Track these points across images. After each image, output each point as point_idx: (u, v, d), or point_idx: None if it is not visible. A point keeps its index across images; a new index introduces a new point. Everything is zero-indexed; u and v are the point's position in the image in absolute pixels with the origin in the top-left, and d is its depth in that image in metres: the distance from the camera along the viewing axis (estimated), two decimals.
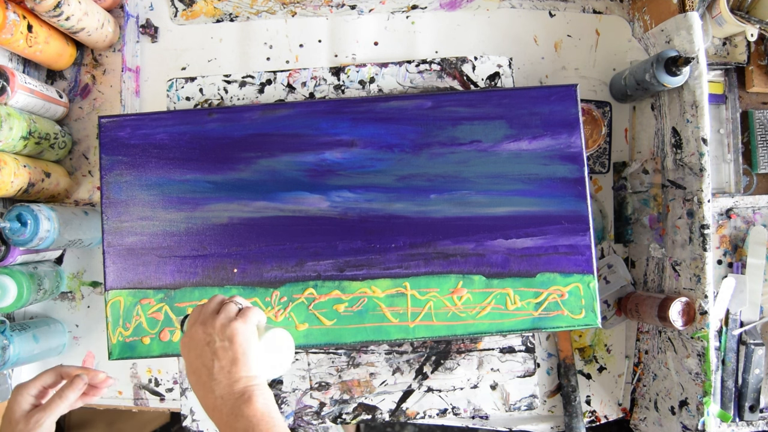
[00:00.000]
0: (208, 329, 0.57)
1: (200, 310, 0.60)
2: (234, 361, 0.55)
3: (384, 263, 0.79)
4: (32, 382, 0.65)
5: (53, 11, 0.78)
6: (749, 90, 0.93)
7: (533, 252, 0.79)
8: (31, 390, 0.65)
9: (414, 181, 0.80)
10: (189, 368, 0.57)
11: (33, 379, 0.65)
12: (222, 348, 0.56)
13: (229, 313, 0.58)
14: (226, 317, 0.58)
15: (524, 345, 0.88)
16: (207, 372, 0.55)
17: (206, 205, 0.80)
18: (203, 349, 0.56)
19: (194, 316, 0.60)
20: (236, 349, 0.56)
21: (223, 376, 0.55)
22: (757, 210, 0.91)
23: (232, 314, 0.59)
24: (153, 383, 0.92)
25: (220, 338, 0.56)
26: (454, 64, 0.90)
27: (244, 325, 0.57)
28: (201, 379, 0.55)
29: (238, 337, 0.56)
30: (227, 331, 0.56)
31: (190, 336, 0.58)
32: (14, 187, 0.79)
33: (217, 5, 0.93)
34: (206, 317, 0.58)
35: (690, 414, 0.81)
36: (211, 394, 0.54)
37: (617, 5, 0.95)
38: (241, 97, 0.90)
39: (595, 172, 0.92)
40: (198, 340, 0.57)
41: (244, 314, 0.59)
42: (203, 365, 0.55)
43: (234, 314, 0.59)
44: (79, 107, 0.94)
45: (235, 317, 0.58)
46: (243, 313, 0.59)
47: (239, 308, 0.60)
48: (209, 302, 0.61)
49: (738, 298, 0.89)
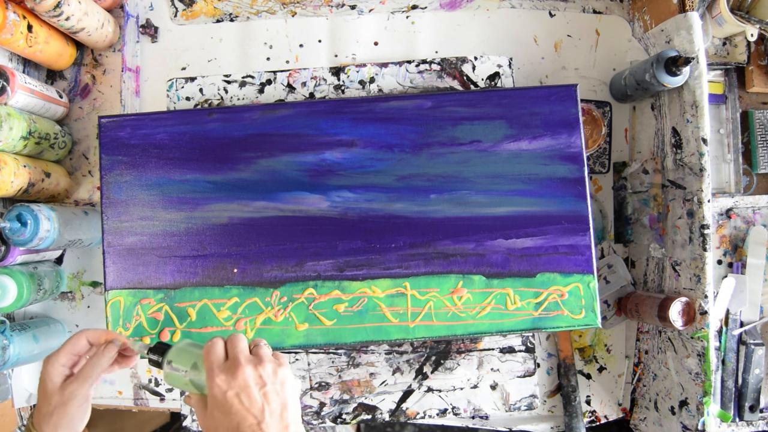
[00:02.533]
0: (259, 371, 0.56)
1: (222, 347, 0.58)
2: (284, 406, 0.55)
3: (384, 263, 0.79)
4: (61, 352, 0.63)
5: (53, 11, 0.78)
6: (749, 90, 0.93)
7: (533, 252, 0.79)
8: (62, 360, 0.62)
9: (414, 181, 0.80)
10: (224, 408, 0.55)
11: (62, 348, 0.63)
12: (274, 392, 0.55)
13: (270, 356, 0.58)
14: (273, 361, 0.57)
15: (524, 345, 0.88)
16: (257, 415, 0.54)
17: (206, 205, 0.80)
18: (251, 391, 0.55)
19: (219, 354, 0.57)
20: (287, 394, 0.56)
21: (275, 422, 0.54)
22: (757, 210, 0.91)
23: (272, 357, 0.58)
24: (153, 383, 0.92)
25: (272, 381, 0.56)
26: (454, 64, 0.90)
27: (289, 371, 0.58)
28: (246, 421, 0.54)
29: (288, 382, 0.57)
30: (279, 375, 0.56)
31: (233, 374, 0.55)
32: (14, 187, 0.79)
33: (217, 5, 0.93)
34: (250, 358, 0.57)
35: (690, 414, 0.81)
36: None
37: (617, 5, 0.95)
38: (241, 97, 0.90)
39: (595, 172, 0.92)
40: (245, 381, 0.55)
41: (283, 360, 0.59)
42: (251, 408, 0.54)
43: (273, 357, 0.58)
44: (79, 107, 0.94)
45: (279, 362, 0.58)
46: (280, 358, 0.59)
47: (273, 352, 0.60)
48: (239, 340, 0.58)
49: (738, 298, 0.89)
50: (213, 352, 0.57)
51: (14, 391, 0.90)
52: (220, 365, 0.56)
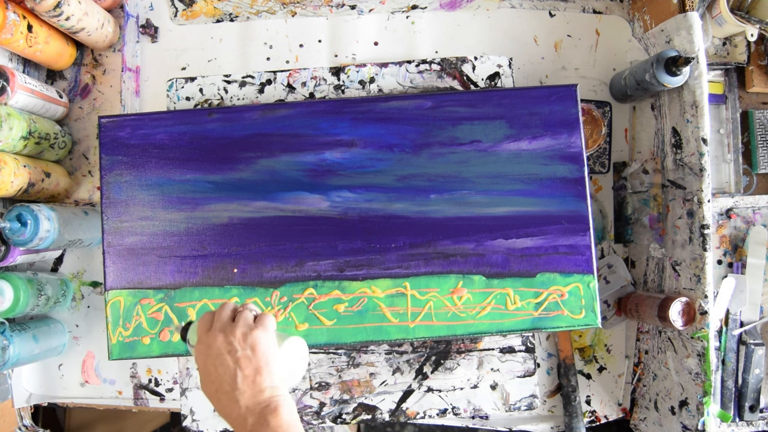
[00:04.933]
0: (229, 337, 0.56)
1: (212, 317, 0.59)
2: (258, 371, 0.54)
3: (384, 263, 0.79)
4: None
5: (53, 11, 0.78)
6: (749, 90, 0.93)
7: (533, 252, 0.79)
8: None
9: (414, 181, 0.80)
10: (206, 377, 0.56)
11: None
12: (245, 357, 0.55)
13: (247, 321, 0.57)
14: (246, 325, 0.57)
15: (524, 345, 0.88)
16: (230, 382, 0.54)
17: (206, 205, 0.80)
18: (224, 358, 0.55)
19: (205, 324, 0.59)
20: (259, 358, 0.55)
21: (247, 386, 0.54)
22: (757, 210, 0.91)
23: (250, 322, 0.58)
24: (153, 383, 0.92)
25: (242, 347, 0.55)
26: (454, 64, 0.90)
27: (265, 334, 0.57)
28: (222, 388, 0.54)
29: (260, 346, 0.56)
30: (249, 339, 0.56)
31: (208, 344, 0.56)
32: (14, 187, 0.79)
33: (217, 5, 0.93)
34: (224, 325, 0.57)
35: (690, 414, 0.81)
36: (235, 404, 0.54)
37: (617, 5, 0.95)
38: (241, 97, 0.90)
39: (595, 172, 0.92)
40: (218, 348, 0.56)
41: (262, 322, 0.58)
42: (225, 375, 0.54)
43: (252, 321, 0.58)
44: (79, 107, 0.94)
45: (255, 325, 0.57)
46: (260, 320, 0.58)
47: (255, 315, 0.59)
48: (222, 309, 0.59)
49: (738, 298, 0.89)
50: (200, 326, 0.59)
51: (14, 391, 0.90)
52: (201, 338, 0.58)
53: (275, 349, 0.57)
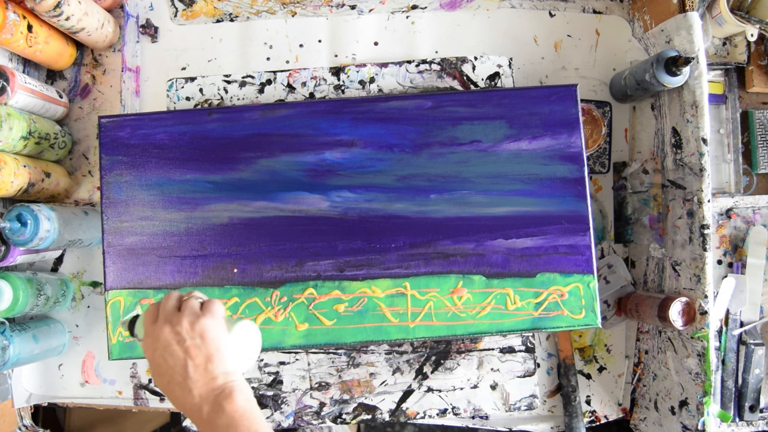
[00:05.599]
0: (176, 327, 0.55)
1: (157, 308, 0.58)
2: (209, 358, 0.54)
3: (384, 263, 0.79)
4: None
5: (53, 11, 0.78)
6: (749, 90, 0.93)
7: (533, 252, 0.79)
8: None
9: (414, 181, 0.80)
10: (157, 370, 0.55)
11: None
12: (194, 346, 0.54)
13: (193, 309, 0.56)
14: (193, 313, 0.56)
15: (524, 345, 0.88)
16: (181, 372, 0.53)
17: (206, 205, 0.80)
18: (173, 348, 0.54)
19: (151, 316, 0.58)
20: (209, 345, 0.54)
21: (200, 375, 0.53)
22: (757, 210, 0.91)
23: (197, 310, 0.57)
24: (153, 383, 0.92)
25: (190, 336, 0.54)
26: (454, 64, 0.90)
27: (212, 321, 0.56)
28: (174, 379, 0.54)
29: (209, 333, 0.55)
30: (197, 327, 0.55)
31: (155, 336, 0.56)
32: (14, 187, 0.79)
33: (217, 5, 0.93)
34: (170, 315, 0.56)
35: (690, 414, 0.81)
36: (189, 394, 0.53)
37: (617, 5, 0.95)
38: (241, 97, 0.90)
39: (595, 172, 0.92)
40: (166, 340, 0.55)
41: (209, 309, 0.57)
42: (176, 366, 0.54)
43: (198, 309, 0.57)
44: (79, 107, 0.94)
45: (201, 313, 0.56)
46: (207, 307, 0.57)
47: (201, 302, 0.58)
48: (167, 300, 0.58)
49: (738, 298, 0.89)
50: (146, 319, 0.58)
51: (14, 391, 0.90)
52: (148, 330, 0.57)
53: (225, 334, 0.56)
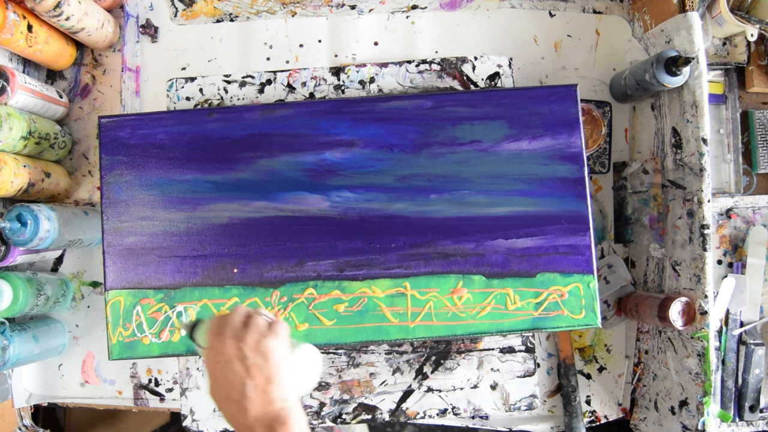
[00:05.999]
0: (240, 344, 0.54)
1: (223, 321, 0.57)
2: (268, 380, 0.53)
3: (384, 263, 0.79)
4: None
5: (53, 11, 0.78)
6: (749, 90, 0.93)
7: (533, 252, 0.79)
8: None
9: (414, 181, 0.80)
10: (215, 383, 0.55)
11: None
12: (256, 366, 0.53)
13: (260, 328, 0.56)
14: (259, 332, 0.55)
15: (524, 345, 0.88)
16: (239, 390, 0.53)
17: (206, 205, 0.80)
18: (234, 365, 0.54)
19: (216, 328, 0.57)
20: (271, 367, 0.54)
21: (258, 396, 0.53)
22: (757, 210, 0.91)
23: (263, 329, 0.56)
24: (153, 383, 0.92)
25: (253, 355, 0.54)
26: (454, 64, 0.90)
27: (277, 342, 0.55)
28: (231, 396, 0.53)
29: (272, 355, 0.54)
30: (261, 347, 0.54)
31: (218, 350, 0.55)
32: (14, 187, 0.79)
33: (217, 5, 0.93)
34: (236, 331, 0.55)
35: (690, 414, 0.81)
36: (243, 413, 0.52)
37: (617, 5, 0.95)
38: (241, 97, 0.90)
39: (595, 172, 0.92)
40: (228, 355, 0.54)
41: (274, 330, 0.56)
42: (235, 382, 0.53)
43: (265, 329, 0.56)
44: (79, 107, 0.94)
45: (267, 332, 0.56)
46: (273, 328, 0.56)
47: (268, 322, 0.58)
48: (234, 314, 0.58)
49: (738, 298, 0.89)
50: (210, 329, 0.58)
51: (14, 391, 0.90)
52: (212, 341, 0.56)
53: (287, 358, 0.56)
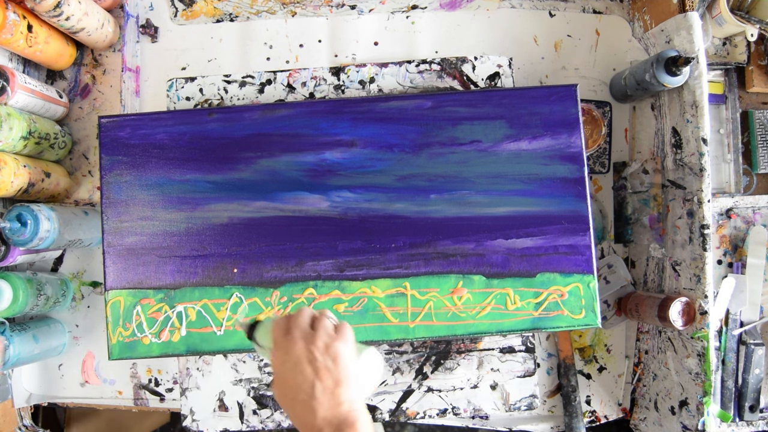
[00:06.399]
0: (310, 346, 0.55)
1: (290, 322, 0.58)
2: (337, 383, 0.54)
3: (384, 263, 0.79)
4: None
5: (53, 11, 0.78)
6: (749, 90, 0.93)
7: (533, 252, 0.79)
8: None
9: (414, 181, 0.80)
10: (282, 383, 0.55)
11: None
12: (325, 368, 0.54)
13: (328, 330, 0.56)
14: (328, 335, 0.56)
15: (524, 345, 0.87)
16: (307, 391, 0.53)
17: (206, 205, 0.80)
18: (304, 366, 0.54)
19: (282, 328, 0.57)
20: (340, 370, 0.54)
21: (326, 398, 0.53)
22: (757, 210, 0.91)
23: (331, 331, 0.57)
24: (153, 383, 0.92)
25: (323, 357, 0.54)
26: (454, 64, 0.90)
27: (346, 345, 0.56)
28: (299, 397, 0.54)
29: (341, 358, 0.55)
30: (331, 350, 0.55)
31: (286, 350, 0.55)
32: (14, 187, 0.79)
33: (217, 5, 0.93)
34: (305, 332, 0.56)
35: (690, 414, 0.81)
36: (311, 414, 0.53)
37: (617, 5, 0.95)
38: (241, 97, 0.90)
39: (595, 172, 0.92)
40: (297, 356, 0.55)
41: (343, 333, 0.57)
42: (303, 384, 0.54)
43: (332, 331, 0.57)
44: (79, 107, 0.94)
45: (336, 336, 0.56)
46: (341, 331, 0.57)
47: (334, 325, 0.58)
48: (300, 315, 0.58)
49: (738, 298, 0.89)
50: (276, 329, 0.58)
51: (14, 391, 0.90)
52: (278, 342, 0.57)
53: (355, 361, 0.56)
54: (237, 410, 0.88)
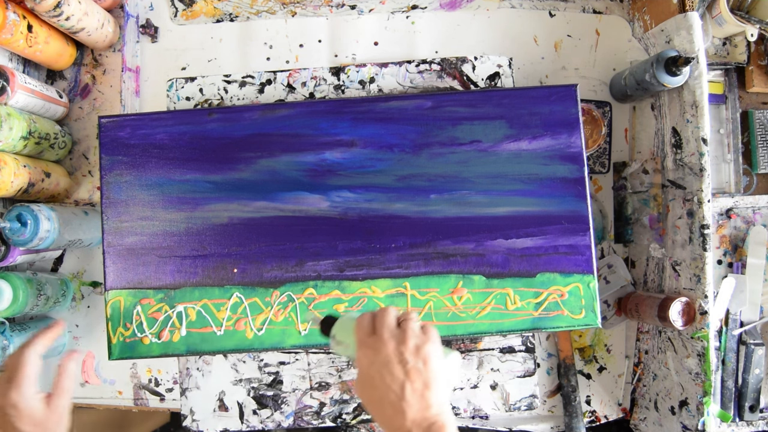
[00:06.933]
0: (401, 347, 0.55)
1: (373, 320, 0.58)
2: (427, 385, 0.54)
3: (384, 263, 0.79)
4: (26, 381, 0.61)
5: (53, 11, 0.78)
6: (749, 90, 0.93)
7: (533, 252, 0.79)
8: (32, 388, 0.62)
9: (414, 181, 0.80)
10: (369, 382, 0.55)
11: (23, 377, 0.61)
12: (416, 370, 0.54)
13: (416, 332, 0.57)
14: (417, 336, 0.56)
15: (524, 345, 0.88)
16: (397, 392, 0.53)
17: (206, 205, 0.80)
18: (393, 367, 0.54)
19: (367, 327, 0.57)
20: (429, 372, 0.54)
21: (416, 400, 0.53)
22: (757, 210, 0.91)
23: (419, 333, 0.57)
24: (153, 383, 0.92)
25: (414, 359, 0.54)
26: (454, 64, 0.90)
27: (435, 348, 0.56)
28: (388, 397, 0.54)
29: (431, 360, 0.55)
30: (422, 352, 0.55)
31: (375, 349, 0.56)
32: (14, 187, 0.79)
33: (217, 5, 0.93)
34: (394, 332, 0.56)
35: (690, 414, 0.81)
36: (400, 415, 0.53)
37: (617, 5, 0.95)
38: (241, 97, 0.90)
39: (595, 172, 0.92)
40: (387, 356, 0.55)
41: (431, 335, 0.57)
42: (392, 385, 0.54)
43: (420, 333, 0.57)
44: (79, 107, 0.94)
45: (426, 338, 0.56)
46: (429, 333, 0.57)
47: (420, 326, 0.58)
48: (386, 315, 0.58)
49: (738, 298, 0.89)
50: (360, 328, 0.58)
51: None
52: (365, 340, 0.57)
53: (443, 364, 0.56)
54: (237, 410, 0.88)
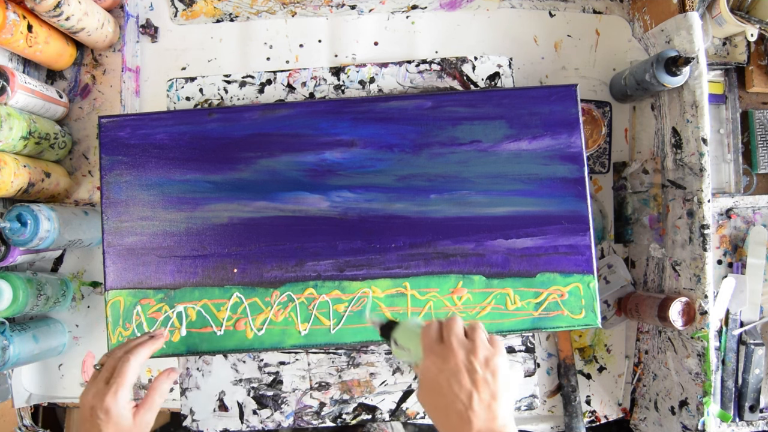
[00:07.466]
0: (470, 357, 0.56)
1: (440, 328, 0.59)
2: (494, 397, 0.54)
3: (384, 263, 0.79)
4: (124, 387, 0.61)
5: (53, 11, 0.78)
6: (749, 90, 0.93)
7: (533, 252, 0.79)
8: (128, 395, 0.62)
9: (414, 181, 0.80)
10: (435, 389, 0.56)
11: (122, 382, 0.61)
12: (484, 381, 0.55)
13: (485, 343, 0.57)
14: (487, 348, 0.57)
15: (524, 345, 0.88)
16: (465, 402, 0.54)
17: (206, 205, 0.80)
18: (462, 376, 0.55)
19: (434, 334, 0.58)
20: (497, 384, 0.55)
21: (483, 411, 0.54)
22: (757, 210, 0.91)
23: (487, 344, 0.57)
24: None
25: (483, 370, 0.55)
26: (454, 64, 0.90)
27: (504, 361, 0.57)
28: (455, 406, 0.54)
29: (500, 372, 0.56)
30: (491, 364, 0.56)
31: (444, 357, 0.56)
32: (14, 187, 0.79)
33: (217, 5, 0.93)
34: (464, 342, 0.57)
35: (690, 414, 0.81)
36: (467, 424, 0.53)
37: (617, 5, 0.95)
38: (241, 97, 0.90)
39: (595, 172, 0.92)
40: (457, 365, 0.56)
41: (499, 348, 0.58)
42: (460, 393, 0.54)
43: (488, 344, 0.58)
44: (79, 107, 0.94)
45: (495, 350, 0.57)
46: (497, 345, 0.58)
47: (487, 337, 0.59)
48: (455, 323, 0.59)
49: (738, 298, 0.89)
50: (427, 335, 0.59)
51: (14, 391, 0.90)
52: (433, 348, 0.57)
53: (509, 377, 0.57)
54: (237, 410, 0.88)
